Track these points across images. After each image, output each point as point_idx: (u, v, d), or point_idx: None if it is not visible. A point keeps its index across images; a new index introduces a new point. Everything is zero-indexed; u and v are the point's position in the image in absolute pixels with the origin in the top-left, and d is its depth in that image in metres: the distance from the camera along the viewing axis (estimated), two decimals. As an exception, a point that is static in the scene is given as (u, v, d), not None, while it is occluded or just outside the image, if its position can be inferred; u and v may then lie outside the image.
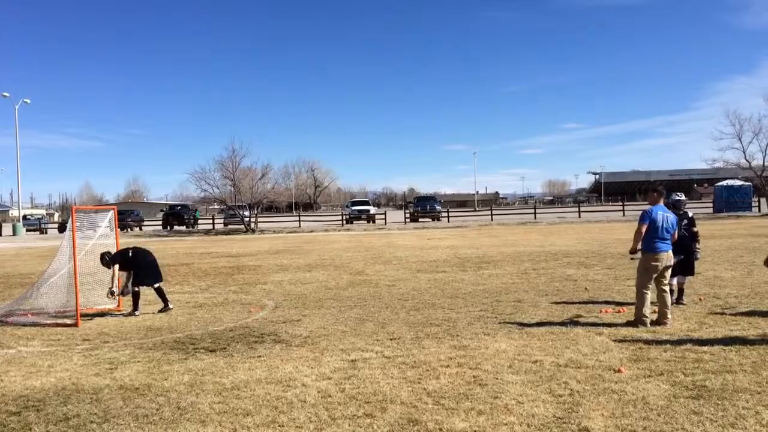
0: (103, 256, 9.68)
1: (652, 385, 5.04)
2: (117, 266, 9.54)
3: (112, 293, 9.37)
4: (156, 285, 9.72)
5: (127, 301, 9.95)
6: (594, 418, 4.34)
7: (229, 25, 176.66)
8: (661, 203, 7.65)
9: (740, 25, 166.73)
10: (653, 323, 7.32)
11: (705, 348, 6.15)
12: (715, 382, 5.06)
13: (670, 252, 7.49)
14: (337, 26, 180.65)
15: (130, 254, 9.76)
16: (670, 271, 7.59)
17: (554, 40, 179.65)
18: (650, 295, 7.43)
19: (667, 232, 7.44)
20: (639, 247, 7.49)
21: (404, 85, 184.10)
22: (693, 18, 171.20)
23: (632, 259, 8.04)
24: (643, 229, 7.40)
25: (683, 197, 8.98)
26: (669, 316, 7.41)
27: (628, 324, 7.42)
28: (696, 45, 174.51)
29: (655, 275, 7.47)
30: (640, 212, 7.61)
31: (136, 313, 9.46)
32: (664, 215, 7.45)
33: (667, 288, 7.50)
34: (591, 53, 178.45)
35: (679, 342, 6.44)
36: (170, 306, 9.68)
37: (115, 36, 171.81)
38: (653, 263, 7.40)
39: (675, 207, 8.57)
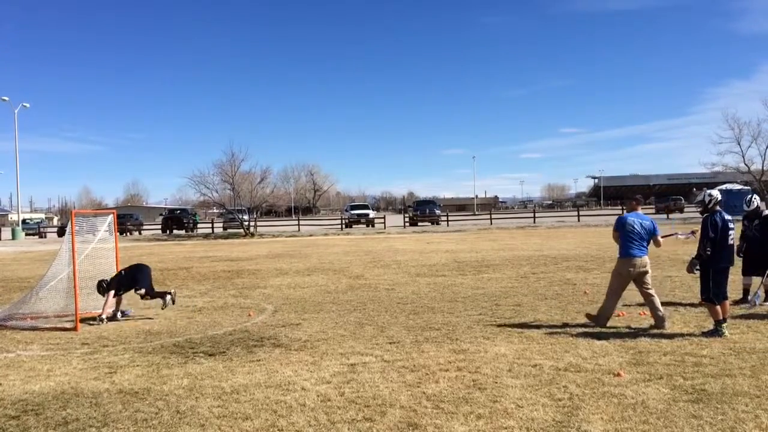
0: (100, 284, 9.45)
1: (651, 388, 5.04)
2: (112, 293, 9.29)
3: (101, 319, 9.08)
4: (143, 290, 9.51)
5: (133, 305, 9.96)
6: (593, 422, 4.34)
7: (229, 29, 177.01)
8: (638, 210, 7.87)
9: (737, 30, 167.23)
10: (653, 327, 7.37)
11: (704, 352, 6.16)
12: (715, 385, 5.06)
13: (646, 257, 7.63)
14: (336, 31, 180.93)
15: (123, 273, 9.56)
16: (649, 275, 7.71)
17: (553, 45, 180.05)
18: (619, 301, 7.78)
19: (642, 238, 7.60)
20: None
21: (403, 89, 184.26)
22: (690, 24, 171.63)
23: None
24: (615, 235, 7.74)
25: (756, 199, 9.15)
26: (664, 315, 7.49)
27: (588, 317, 7.78)
28: (693, 50, 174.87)
29: (630, 280, 7.66)
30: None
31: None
32: (639, 222, 7.62)
33: (652, 291, 7.62)
34: (589, 58, 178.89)
35: (679, 346, 6.45)
36: (170, 293, 9.52)
37: (114, 40, 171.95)
38: (628, 268, 7.57)
39: (752, 212, 8.91)
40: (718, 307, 6.87)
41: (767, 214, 8.95)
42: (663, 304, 9.02)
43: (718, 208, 7.09)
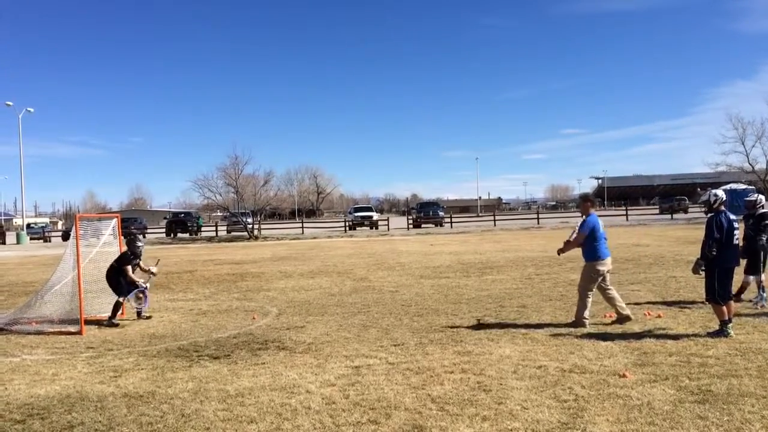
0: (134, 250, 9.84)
1: (657, 389, 5.02)
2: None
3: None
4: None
5: (131, 309, 9.98)
6: (599, 423, 4.32)
7: (231, 32, 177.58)
8: (593, 212, 8.01)
9: (740, 30, 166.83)
10: (615, 322, 7.59)
11: (710, 352, 6.13)
12: (721, 386, 5.04)
13: (610, 257, 7.94)
14: (338, 34, 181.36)
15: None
16: (609, 274, 7.92)
17: (554, 46, 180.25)
18: (590, 301, 7.80)
19: (604, 238, 7.88)
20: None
21: (406, 92, 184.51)
22: (692, 24, 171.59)
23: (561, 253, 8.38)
24: (581, 238, 7.86)
25: (757, 196, 9.14)
26: (626, 308, 7.68)
27: (568, 325, 7.73)
28: (696, 50, 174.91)
29: (599, 279, 7.79)
30: (583, 222, 7.91)
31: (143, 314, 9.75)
32: (600, 223, 7.90)
33: (609, 286, 7.81)
34: (591, 59, 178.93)
35: (684, 346, 6.42)
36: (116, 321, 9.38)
37: (117, 44, 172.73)
38: (600, 268, 7.73)
39: (746, 207, 9.01)
40: (724, 308, 6.85)
41: (760, 213, 8.94)
42: (668, 304, 9.05)
43: (723, 208, 7.07)
